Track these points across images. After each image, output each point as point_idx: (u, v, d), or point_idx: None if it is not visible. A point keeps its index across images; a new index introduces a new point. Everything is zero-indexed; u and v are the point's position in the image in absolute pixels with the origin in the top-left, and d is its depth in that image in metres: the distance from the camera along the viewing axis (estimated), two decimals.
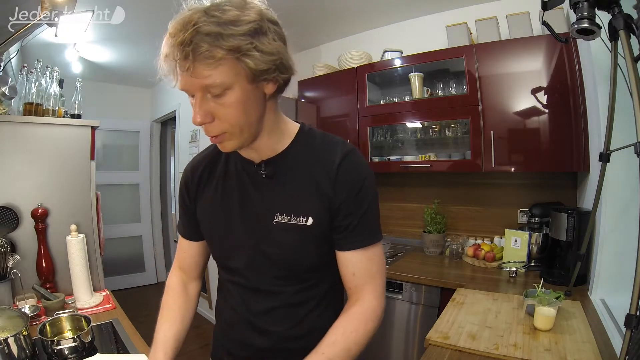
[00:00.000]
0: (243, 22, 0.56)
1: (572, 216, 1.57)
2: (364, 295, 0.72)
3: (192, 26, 0.54)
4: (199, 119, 0.60)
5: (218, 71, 0.56)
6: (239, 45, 0.55)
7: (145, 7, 2.13)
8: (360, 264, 0.72)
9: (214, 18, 0.55)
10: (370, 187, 0.72)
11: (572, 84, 1.67)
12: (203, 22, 0.54)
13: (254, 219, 0.74)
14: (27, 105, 1.51)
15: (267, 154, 0.72)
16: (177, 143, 3.79)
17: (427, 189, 2.41)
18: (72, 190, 1.54)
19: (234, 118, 0.61)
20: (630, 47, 0.95)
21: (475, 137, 1.90)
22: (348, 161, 0.71)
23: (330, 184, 0.69)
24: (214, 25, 0.54)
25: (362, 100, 2.31)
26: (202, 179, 0.80)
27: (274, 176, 0.72)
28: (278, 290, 0.75)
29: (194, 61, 0.54)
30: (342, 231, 0.71)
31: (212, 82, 0.56)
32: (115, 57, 3.07)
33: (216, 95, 0.59)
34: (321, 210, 0.70)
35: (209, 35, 0.54)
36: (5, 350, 0.87)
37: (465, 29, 2.03)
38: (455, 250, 2.12)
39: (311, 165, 0.71)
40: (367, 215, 0.71)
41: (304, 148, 0.73)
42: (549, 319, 1.14)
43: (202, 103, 0.59)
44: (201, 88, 0.58)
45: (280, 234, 0.72)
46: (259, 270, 0.75)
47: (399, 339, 1.91)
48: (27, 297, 1.30)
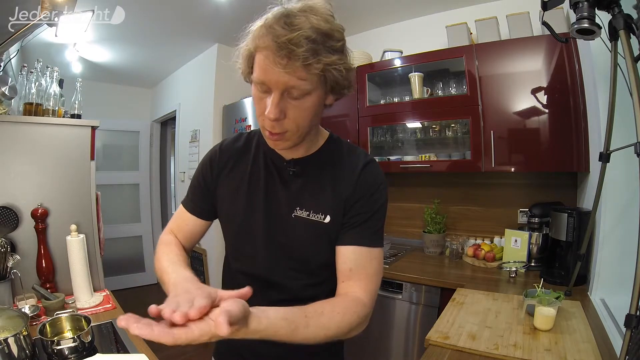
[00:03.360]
0: (335, 39, 0.60)
1: (572, 216, 1.57)
2: (355, 290, 0.70)
3: (299, 29, 0.56)
4: (273, 116, 0.61)
5: (311, 78, 0.59)
6: (334, 61, 0.59)
7: (145, 7, 2.13)
8: (359, 261, 0.72)
9: (314, 26, 0.57)
10: (383, 194, 0.76)
11: (572, 84, 1.67)
12: (309, 28, 0.56)
13: (275, 210, 0.76)
14: (27, 105, 1.51)
15: (300, 154, 0.76)
16: (177, 143, 3.79)
17: (427, 189, 2.41)
18: (72, 190, 1.54)
19: (302, 120, 0.64)
20: (630, 47, 0.95)
21: (475, 137, 1.90)
22: (370, 167, 0.76)
23: (351, 185, 0.74)
24: (317, 34, 0.57)
25: (362, 100, 2.31)
26: (229, 163, 0.82)
27: (300, 174, 0.76)
28: (289, 283, 0.77)
29: (295, 62, 0.56)
30: (349, 227, 0.73)
31: (300, 84, 0.59)
32: (115, 57, 3.07)
33: (295, 97, 0.61)
34: (339, 209, 0.73)
35: (314, 43, 0.56)
36: (5, 350, 0.87)
37: (465, 29, 2.04)
38: (455, 250, 2.12)
39: (336, 169, 0.76)
40: (374, 218, 0.74)
41: (331, 153, 0.78)
42: (549, 319, 1.14)
43: (280, 101, 0.61)
44: (285, 87, 0.60)
45: (298, 227, 0.74)
46: (273, 261, 0.77)
47: (399, 339, 1.91)
48: (27, 297, 1.30)
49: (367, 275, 0.72)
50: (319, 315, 0.62)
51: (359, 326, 0.68)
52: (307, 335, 0.60)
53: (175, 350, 2.69)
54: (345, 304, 0.68)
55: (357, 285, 0.71)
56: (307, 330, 0.60)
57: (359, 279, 0.71)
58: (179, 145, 3.76)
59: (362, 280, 0.71)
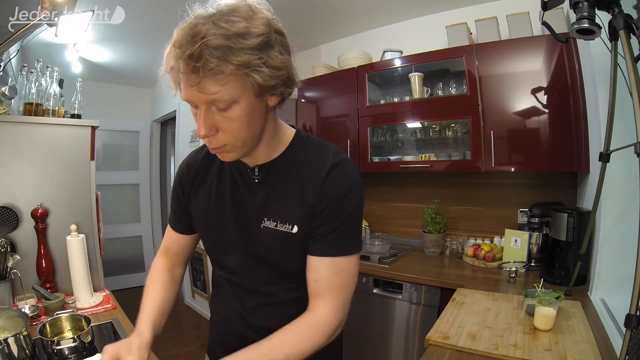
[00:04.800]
0: (252, 35, 0.54)
1: (572, 216, 1.57)
2: (319, 306, 0.70)
3: (201, 39, 0.52)
4: (203, 132, 0.60)
5: (226, 87, 0.55)
6: (249, 61, 0.54)
7: (145, 7, 2.13)
8: (324, 273, 0.70)
9: (222, 30, 0.53)
10: (353, 199, 0.70)
11: (572, 84, 1.66)
12: (212, 35, 0.52)
13: (245, 220, 0.75)
14: (27, 105, 1.51)
15: (262, 159, 0.73)
16: (177, 143, 3.79)
17: (427, 189, 2.41)
18: (72, 190, 1.54)
19: (237, 131, 0.61)
20: (630, 47, 0.95)
21: (475, 137, 1.90)
22: (336, 171, 0.70)
23: (317, 192, 0.69)
24: (222, 39, 0.52)
25: (362, 100, 2.31)
26: (197, 178, 0.81)
27: (266, 181, 0.73)
28: (269, 289, 0.77)
29: (203, 77, 0.53)
30: (315, 237, 0.71)
31: (219, 97, 0.56)
32: (115, 57, 3.07)
33: (222, 109, 0.58)
34: (306, 218, 0.70)
35: (218, 49, 0.52)
36: (5, 350, 0.87)
37: (465, 29, 2.03)
38: (455, 250, 2.12)
39: (301, 174, 0.72)
40: (344, 226, 0.70)
41: (297, 155, 0.74)
42: (549, 319, 1.14)
43: (206, 116, 0.59)
44: (207, 102, 0.57)
45: (267, 238, 0.73)
46: (250, 270, 0.77)
47: (399, 339, 1.91)
48: (27, 297, 1.30)
49: (334, 287, 0.70)
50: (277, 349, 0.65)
51: (323, 343, 0.70)
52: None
53: (174, 350, 2.69)
54: (305, 331, 0.69)
55: (322, 299, 0.70)
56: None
57: (324, 291, 0.70)
58: (179, 145, 3.76)
59: (328, 293, 0.70)
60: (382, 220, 2.60)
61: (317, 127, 2.55)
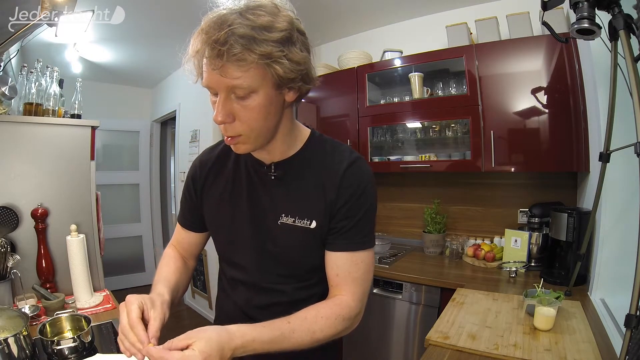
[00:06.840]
0: (276, 29, 0.57)
1: (572, 216, 1.57)
2: (343, 294, 0.72)
3: (228, 26, 0.54)
4: (220, 118, 0.61)
5: (248, 74, 0.57)
6: (271, 52, 0.56)
7: (145, 7, 2.13)
8: (345, 267, 0.72)
9: (248, 21, 0.55)
10: (370, 196, 0.74)
11: (572, 84, 1.66)
12: (238, 24, 0.55)
13: (260, 218, 0.76)
14: (27, 105, 1.51)
15: (278, 156, 0.74)
16: (177, 143, 3.79)
17: (427, 189, 2.41)
18: (72, 190, 1.54)
19: (253, 121, 0.62)
20: (630, 47, 0.95)
21: (475, 137, 1.90)
22: (354, 168, 0.73)
23: (335, 188, 0.72)
24: (248, 29, 0.55)
25: (362, 100, 2.31)
26: (210, 175, 0.82)
27: (283, 178, 0.74)
28: (280, 288, 0.78)
29: (227, 61, 0.55)
30: (335, 233, 0.73)
31: (239, 83, 0.57)
32: (115, 57, 3.07)
33: (240, 97, 0.60)
34: (324, 213, 0.72)
35: (243, 38, 0.54)
36: (5, 350, 0.87)
37: (465, 29, 2.03)
38: (455, 250, 2.12)
39: (318, 170, 0.74)
40: (362, 221, 0.72)
41: (313, 154, 0.76)
42: (549, 319, 1.14)
43: (225, 102, 0.60)
44: (227, 88, 0.59)
45: (284, 234, 0.74)
46: (263, 268, 0.77)
47: (399, 339, 1.90)
48: (27, 297, 1.30)
49: (354, 279, 0.72)
50: (301, 320, 0.66)
51: (346, 329, 0.71)
52: (294, 340, 0.64)
53: None
54: (329, 307, 0.70)
55: (344, 290, 0.72)
56: (294, 335, 0.64)
57: (345, 283, 0.72)
58: (179, 145, 3.76)
59: (349, 285, 0.72)
60: (382, 220, 2.60)
61: (317, 127, 2.54)
